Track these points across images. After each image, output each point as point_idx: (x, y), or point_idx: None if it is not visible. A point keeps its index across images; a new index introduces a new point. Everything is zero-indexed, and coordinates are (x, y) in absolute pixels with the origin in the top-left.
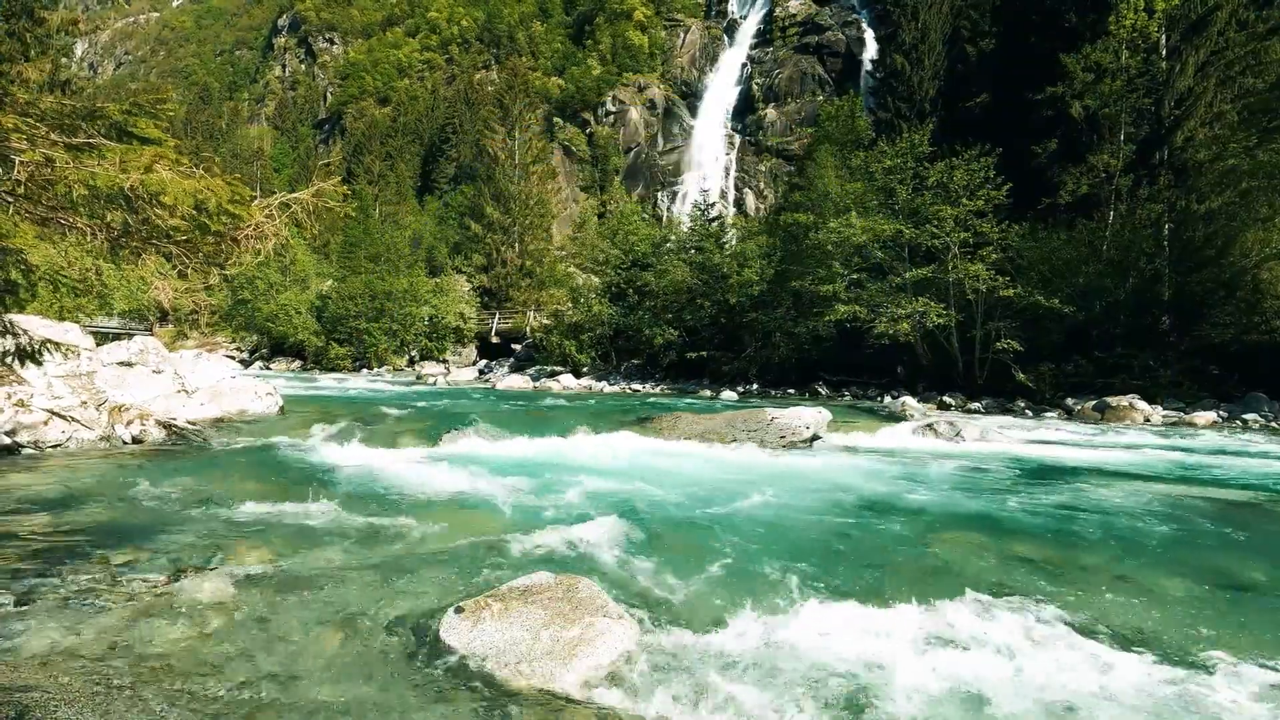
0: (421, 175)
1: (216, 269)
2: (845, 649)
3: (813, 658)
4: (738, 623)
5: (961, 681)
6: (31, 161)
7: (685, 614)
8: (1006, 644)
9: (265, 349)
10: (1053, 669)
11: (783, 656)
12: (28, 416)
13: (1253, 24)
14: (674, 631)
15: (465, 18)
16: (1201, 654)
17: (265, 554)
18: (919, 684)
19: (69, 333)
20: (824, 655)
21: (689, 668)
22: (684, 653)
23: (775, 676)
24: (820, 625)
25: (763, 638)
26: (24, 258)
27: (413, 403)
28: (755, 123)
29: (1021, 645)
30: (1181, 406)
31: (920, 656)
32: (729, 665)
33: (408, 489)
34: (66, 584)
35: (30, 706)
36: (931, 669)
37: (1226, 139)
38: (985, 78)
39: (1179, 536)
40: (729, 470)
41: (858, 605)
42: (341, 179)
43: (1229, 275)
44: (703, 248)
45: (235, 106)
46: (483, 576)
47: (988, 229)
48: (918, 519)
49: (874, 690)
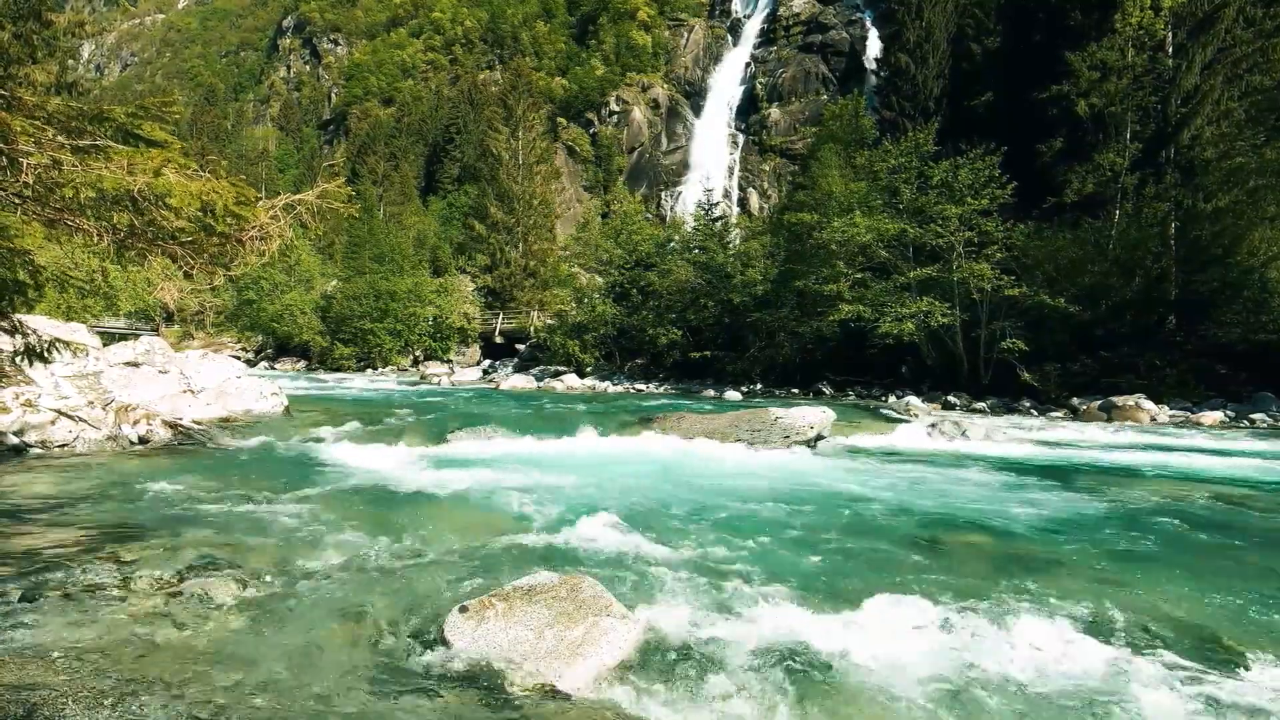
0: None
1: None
2: (847, 649)
3: (815, 657)
4: (741, 622)
5: (969, 681)
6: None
7: (689, 613)
8: (1010, 644)
9: (270, 349)
10: (1057, 669)
11: (786, 656)
12: (35, 416)
13: (1260, 21)
14: (678, 631)
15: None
16: (1212, 653)
17: (271, 553)
18: (923, 684)
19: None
20: (826, 655)
21: (693, 667)
22: (688, 652)
23: (778, 676)
24: (823, 625)
25: (766, 637)
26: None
27: (417, 403)
28: (759, 122)
29: (1025, 646)
30: (1188, 406)
31: (923, 656)
32: (733, 665)
33: (412, 488)
34: (74, 582)
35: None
36: (935, 669)
37: (1234, 137)
38: (990, 76)
39: (1186, 537)
40: (733, 470)
41: (861, 605)
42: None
43: (1236, 274)
44: (706, 247)
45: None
46: (487, 575)
47: (992, 228)
48: (922, 519)
49: (882, 690)
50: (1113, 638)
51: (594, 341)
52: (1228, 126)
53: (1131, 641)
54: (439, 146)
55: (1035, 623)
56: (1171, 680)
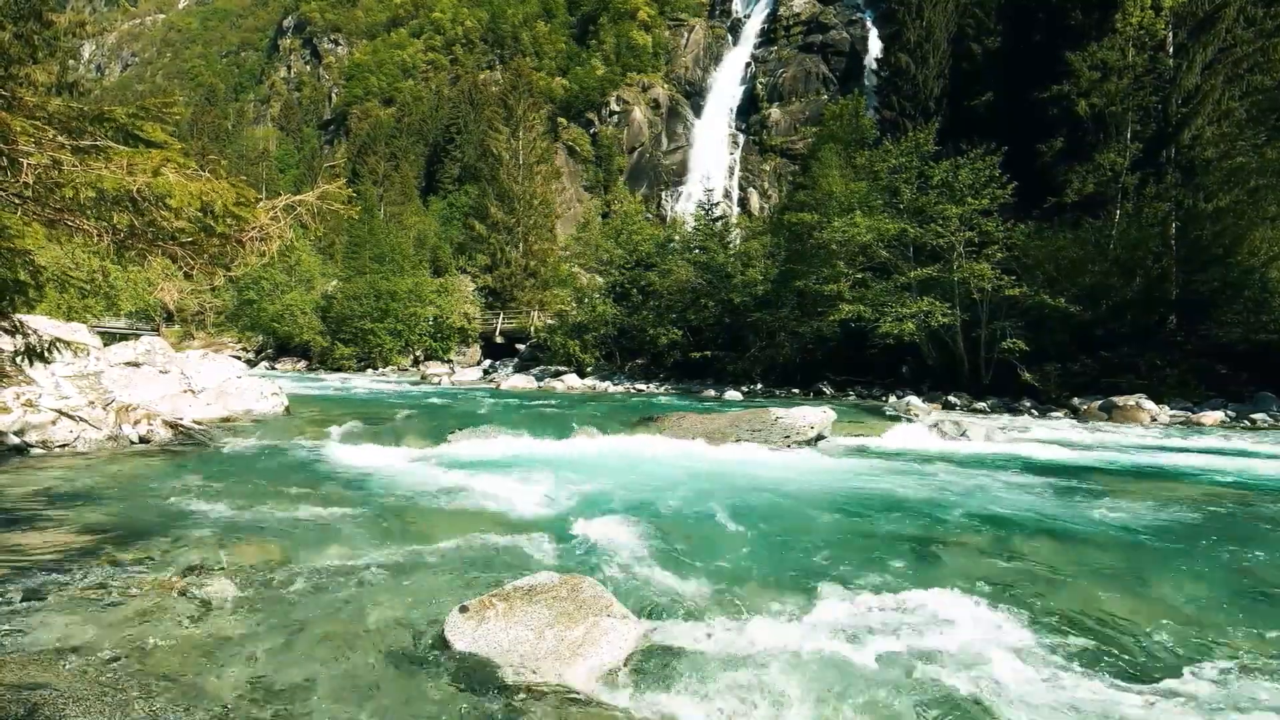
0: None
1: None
2: (850, 648)
3: (817, 657)
4: (743, 622)
5: (970, 681)
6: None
7: (690, 613)
8: (1012, 644)
9: (271, 349)
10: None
11: (787, 655)
12: (36, 416)
13: (1261, 21)
14: (678, 631)
15: (469, 18)
16: (1213, 655)
17: (271, 553)
18: (925, 684)
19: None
20: (828, 654)
21: (693, 667)
22: (688, 652)
23: (780, 676)
24: (825, 625)
25: (767, 637)
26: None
27: (417, 403)
28: (759, 122)
29: (1028, 645)
30: (1189, 406)
31: (925, 656)
32: (734, 664)
33: (412, 488)
34: (75, 582)
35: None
36: (938, 669)
37: (1234, 137)
38: (990, 76)
39: (1187, 537)
40: (734, 470)
41: (863, 605)
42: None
43: (1237, 274)
44: (707, 247)
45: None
46: (487, 575)
47: (993, 228)
48: (922, 519)
49: (882, 690)
50: (1113, 637)
51: (594, 341)
52: (1228, 126)
53: (1132, 642)
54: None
55: (1036, 622)
56: (1172, 680)
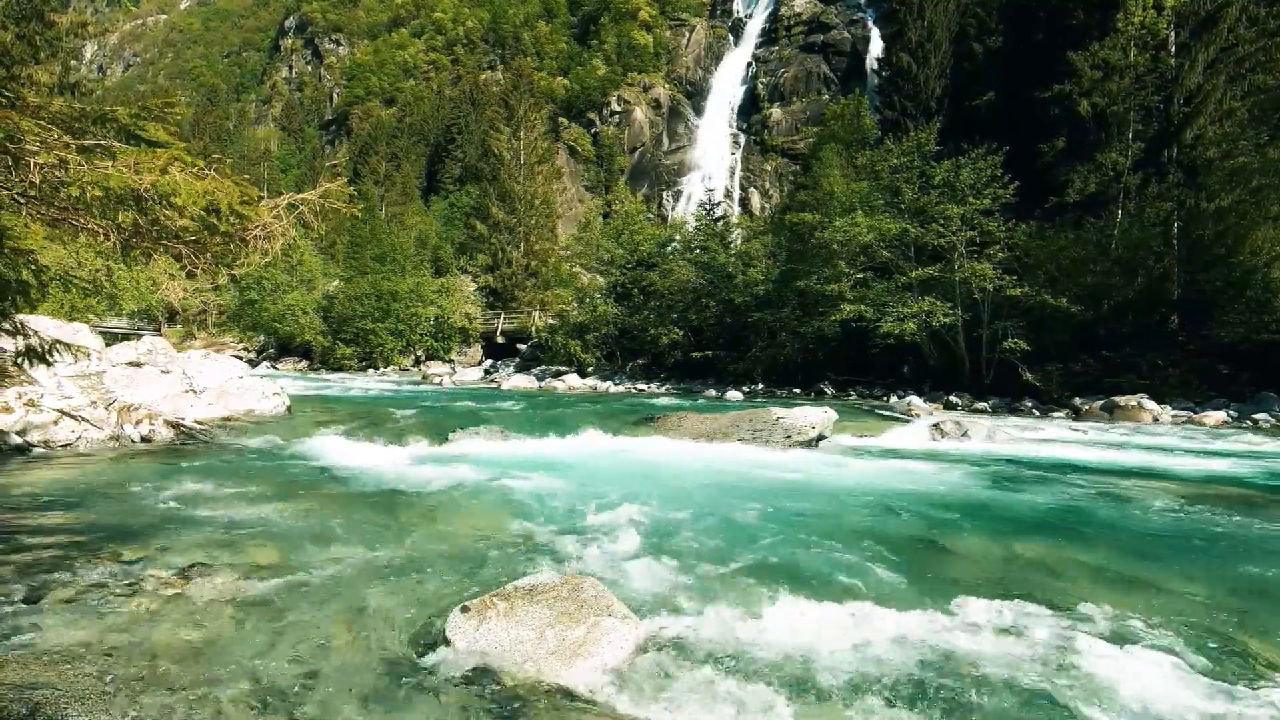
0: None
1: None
2: (853, 649)
3: (819, 658)
4: (744, 622)
5: (973, 682)
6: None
7: (691, 613)
8: (1013, 644)
9: (272, 349)
10: (1059, 672)
11: (789, 656)
12: (38, 416)
13: (1263, 20)
14: (680, 631)
15: (470, 18)
16: (1213, 654)
17: (273, 553)
18: (926, 684)
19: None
20: (830, 655)
21: (695, 668)
22: (690, 653)
23: (781, 677)
24: (827, 625)
25: (769, 637)
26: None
27: (418, 402)
28: (760, 122)
29: (1028, 645)
30: (1190, 406)
31: (928, 656)
32: (735, 665)
33: (413, 488)
34: (77, 581)
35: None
36: (939, 669)
37: (1236, 136)
38: (992, 76)
39: (1190, 538)
40: (734, 470)
41: (865, 606)
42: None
43: (1239, 274)
44: (708, 247)
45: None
46: (488, 575)
47: (994, 228)
48: (925, 519)
49: (884, 690)
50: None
51: (595, 341)
52: (1230, 126)
53: (1133, 642)
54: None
55: (1037, 622)
56: (1172, 680)
